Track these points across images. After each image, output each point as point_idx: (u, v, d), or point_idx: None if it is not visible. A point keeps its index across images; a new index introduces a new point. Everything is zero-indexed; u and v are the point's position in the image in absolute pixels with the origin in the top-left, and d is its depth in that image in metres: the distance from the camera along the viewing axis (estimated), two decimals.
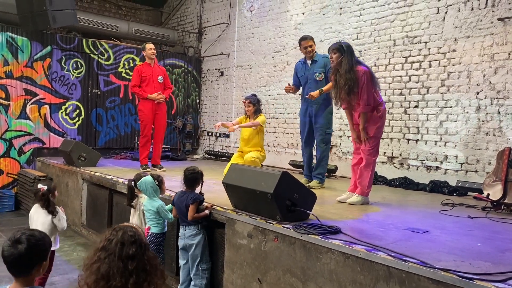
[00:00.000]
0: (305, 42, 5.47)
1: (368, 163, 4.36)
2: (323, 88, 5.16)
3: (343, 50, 4.29)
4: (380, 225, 3.43)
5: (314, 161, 5.63)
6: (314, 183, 5.37)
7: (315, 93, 5.13)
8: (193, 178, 3.88)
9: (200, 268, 3.75)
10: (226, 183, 3.81)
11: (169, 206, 4.08)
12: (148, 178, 4.08)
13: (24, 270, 1.76)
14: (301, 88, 5.74)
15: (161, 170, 6.52)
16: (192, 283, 3.79)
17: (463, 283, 2.16)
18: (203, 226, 3.85)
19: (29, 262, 1.76)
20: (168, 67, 9.48)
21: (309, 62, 5.55)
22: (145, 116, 6.60)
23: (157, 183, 4.09)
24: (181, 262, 3.91)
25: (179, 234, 3.88)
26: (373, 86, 4.30)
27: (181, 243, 3.84)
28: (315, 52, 5.57)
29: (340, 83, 4.33)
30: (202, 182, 3.97)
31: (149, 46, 6.68)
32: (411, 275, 2.37)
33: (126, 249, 1.68)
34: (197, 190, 3.92)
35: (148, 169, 6.43)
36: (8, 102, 7.70)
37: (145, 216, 4.11)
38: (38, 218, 3.82)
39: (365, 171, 4.37)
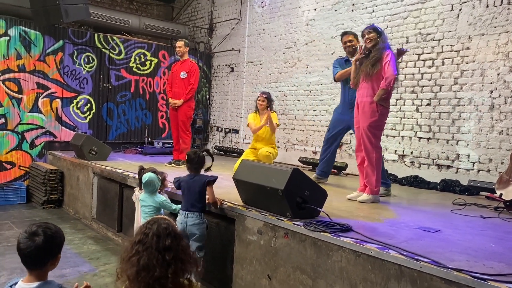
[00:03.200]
0: (345, 37, 5.25)
1: (371, 162, 4.30)
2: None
3: (379, 31, 4.31)
4: (391, 224, 3.41)
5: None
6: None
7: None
8: (199, 159, 3.86)
9: (198, 256, 3.67)
10: (236, 179, 3.80)
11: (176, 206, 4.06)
12: (152, 174, 4.03)
13: (40, 263, 1.78)
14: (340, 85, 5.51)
15: (178, 165, 6.55)
16: None
17: (476, 283, 2.14)
18: (205, 215, 3.80)
19: (45, 254, 1.78)
20: None
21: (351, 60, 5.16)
22: (169, 115, 6.99)
23: (160, 178, 4.09)
24: None
25: (177, 219, 3.77)
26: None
27: (180, 227, 3.69)
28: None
29: (365, 61, 4.33)
30: (212, 158, 4.01)
31: (176, 43, 6.78)
32: (423, 275, 2.35)
33: (162, 241, 1.77)
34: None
35: (171, 164, 6.66)
36: (21, 96, 7.77)
37: (141, 211, 4.04)
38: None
39: (370, 170, 4.32)
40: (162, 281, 1.72)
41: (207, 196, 3.85)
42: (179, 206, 3.95)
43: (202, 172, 3.94)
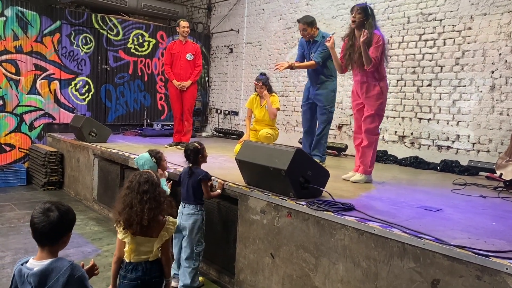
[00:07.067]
0: (299, 25, 5.24)
1: (370, 142, 4.31)
2: (295, 64, 5.21)
3: (368, 13, 4.16)
4: (393, 203, 3.44)
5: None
6: None
7: (283, 64, 5.15)
8: (195, 152, 3.76)
9: (195, 251, 3.63)
10: (239, 159, 3.81)
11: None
12: (145, 154, 3.97)
13: (53, 239, 1.80)
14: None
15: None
16: (186, 264, 3.62)
17: (479, 259, 2.18)
18: (203, 207, 3.73)
19: (59, 230, 1.81)
20: None
21: (311, 40, 5.28)
22: (171, 97, 6.81)
23: (154, 160, 3.94)
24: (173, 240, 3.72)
25: (178, 211, 3.74)
26: (383, 54, 4.17)
27: (178, 217, 3.70)
28: (318, 30, 5.27)
29: (357, 46, 4.21)
30: (206, 155, 3.88)
31: (183, 23, 6.60)
32: (426, 252, 2.39)
33: (142, 186, 2.44)
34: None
35: (172, 146, 6.66)
36: (19, 77, 7.71)
37: None
38: None
39: (367, 150, 4.33)
40: (140, 215, 2.37)
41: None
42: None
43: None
